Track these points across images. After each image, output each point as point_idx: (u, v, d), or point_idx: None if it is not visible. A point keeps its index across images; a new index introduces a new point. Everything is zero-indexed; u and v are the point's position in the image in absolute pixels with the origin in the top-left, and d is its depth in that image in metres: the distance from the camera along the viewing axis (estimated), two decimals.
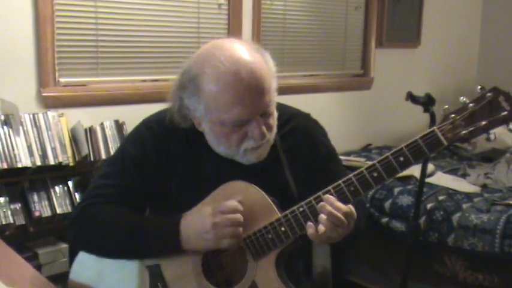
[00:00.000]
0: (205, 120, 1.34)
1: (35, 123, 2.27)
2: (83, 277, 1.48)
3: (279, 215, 1.32)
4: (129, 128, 2.47)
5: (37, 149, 2.23)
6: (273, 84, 1.33)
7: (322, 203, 1.25)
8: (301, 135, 1.47)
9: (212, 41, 1.36)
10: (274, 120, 1.37)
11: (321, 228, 1.24)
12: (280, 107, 1.42)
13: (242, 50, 1.30)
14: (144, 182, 1.41)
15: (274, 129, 1.38)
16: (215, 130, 1.34)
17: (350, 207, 1.27)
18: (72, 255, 2.07)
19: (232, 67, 1.26)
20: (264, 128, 1.31)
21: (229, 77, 1.26)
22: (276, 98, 1.36)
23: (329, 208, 1.24)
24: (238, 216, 1.30)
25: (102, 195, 1.40)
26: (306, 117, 1.52)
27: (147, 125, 1.45)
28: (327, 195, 1.27)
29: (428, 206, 2.66)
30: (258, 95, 1.28)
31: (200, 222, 1.31)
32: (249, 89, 1.26)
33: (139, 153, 1.42)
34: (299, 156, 1.45)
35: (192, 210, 1.36)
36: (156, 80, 2.76)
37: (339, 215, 1.23)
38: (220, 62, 1.27)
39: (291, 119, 1.48)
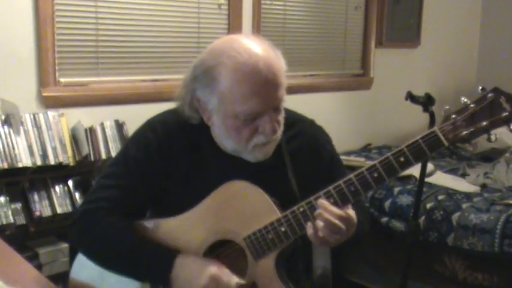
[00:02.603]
0: (217, 113, 1.34)
1: (36, 123, 2.27)
2: (84, 276, 1.48)
3: (280, 215, 1.31)
4: (129, 127, 2.47)
5: (37, 149, 2.23)
6: (285, 82, 1.34)
7: (318, 211, 1.25)
8: (305, 140, 1.47)
9: (226, 36, 1.37)
10: (282, 118, 1.37)
11: (319, 234, 1.24)
12: (286, 111, 1.42)
13: (258, 45, 1.32)
14: (147, 183, 1.41)
15: (282, 127, 1.38)
16: (227, 123, 1.33)
17: (347, 213, 1.26)
18: (72, 255, 2.08)
19: (251, 59, 1.27)
20: (275, 123, 1.32)
21: (247, 68, 1.27)
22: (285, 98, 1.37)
23: (326, 216, 1.23)
24: None
25: (106, 197, 1.39)
26: (311, 122, 1.53)
27: (151, 126, 1.45)
28: (321, 201, 1.26)
29: (428, 205, 2.66)
30: (273, 88, 1.29)
31: (196, 274, 1.30)
32: (266, 82, 1.27)
33: (142, 155, 1.41)
34: (303, 161, 1.45)
35: (196, 256, 1.35)
36: (156, 80, 2.76)
37: (337, 221, 1.23)
38: (238, 53, 1.28)
39: (296, 123, 1.48)
